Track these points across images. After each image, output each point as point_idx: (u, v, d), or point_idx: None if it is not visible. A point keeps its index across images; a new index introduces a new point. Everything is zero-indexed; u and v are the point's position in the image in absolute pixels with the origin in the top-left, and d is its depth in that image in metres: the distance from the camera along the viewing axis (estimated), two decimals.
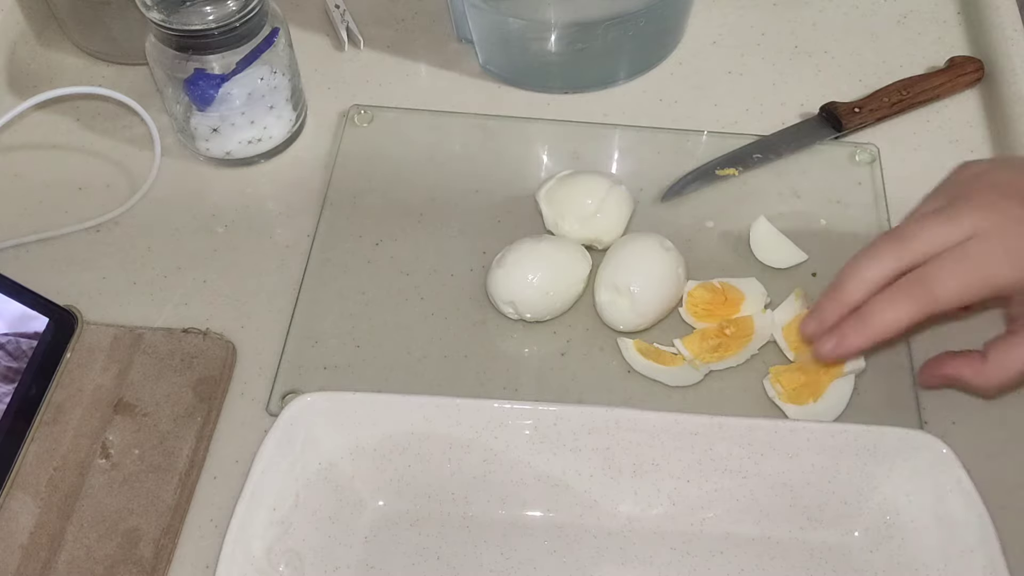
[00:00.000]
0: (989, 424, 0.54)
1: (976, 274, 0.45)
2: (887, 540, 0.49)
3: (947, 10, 0.73)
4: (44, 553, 0.49)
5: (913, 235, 0.47)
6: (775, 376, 0.54)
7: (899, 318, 0.46)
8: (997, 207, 0.46)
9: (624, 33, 0.65)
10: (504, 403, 0.49)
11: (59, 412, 0.53)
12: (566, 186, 0.58)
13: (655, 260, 0.56)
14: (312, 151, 0.66)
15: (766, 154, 0.64)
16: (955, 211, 0.47)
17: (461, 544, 0.50)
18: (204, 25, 0.57)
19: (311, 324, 0.57)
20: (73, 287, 0.59)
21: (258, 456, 0.48)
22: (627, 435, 0.49)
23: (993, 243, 0.45)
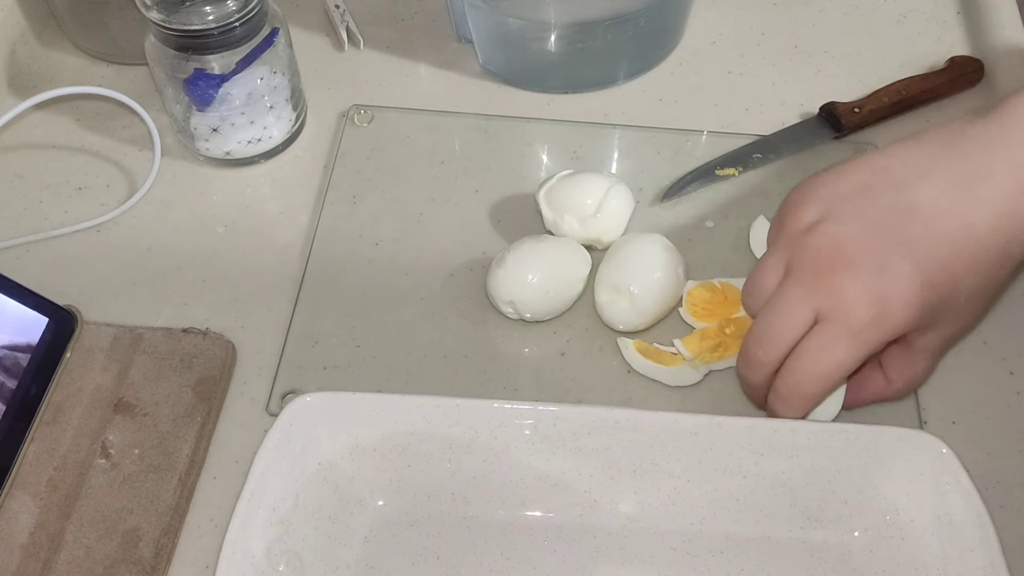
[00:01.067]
0: (989, 424, 0.54)
1: (830, 367, 0.46)
2: (887, 540, 0.49)
3: (947, 10, 0.73)
4: (44, 553, 0.49)
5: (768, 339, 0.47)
6: None
7: (795, 415, 0.49)
8: (829, 286, 0.46)
9: (624, 33, 0.65)
10: (504, 403, 0.49)
11: (59, 412, 0.53)
12: (566, 186, 0.58)
13: (655, 260, 0.56)
14: (312, 151, 0.66)
15: (766, 154, 0.64)
16: (793, 300, 0.47)
17: (461, 544, 0.50)
18: (204, 25, 0.57)
19: (311, 324, 0.57)
20: (73, 287, 0.59)
21: (258, 456, 0.48)
22: (627, 435, 0.49)
23: (835, 331, 0.46)
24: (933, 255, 0.45)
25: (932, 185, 0.46)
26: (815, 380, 0.47)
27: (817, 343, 0.46)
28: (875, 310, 0.45)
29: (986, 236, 0.45)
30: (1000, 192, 0.45)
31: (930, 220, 0.46)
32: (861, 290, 0.45)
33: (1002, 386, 0.55)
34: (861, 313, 0.45)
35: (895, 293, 0.45)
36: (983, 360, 0.56)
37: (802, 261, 0.47)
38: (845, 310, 0.45)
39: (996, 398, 0.54)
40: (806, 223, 0.48)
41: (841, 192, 0.48)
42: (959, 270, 0.46)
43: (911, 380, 0.51)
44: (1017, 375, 0.55)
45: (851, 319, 0.45)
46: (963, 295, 0.46)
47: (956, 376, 0.55)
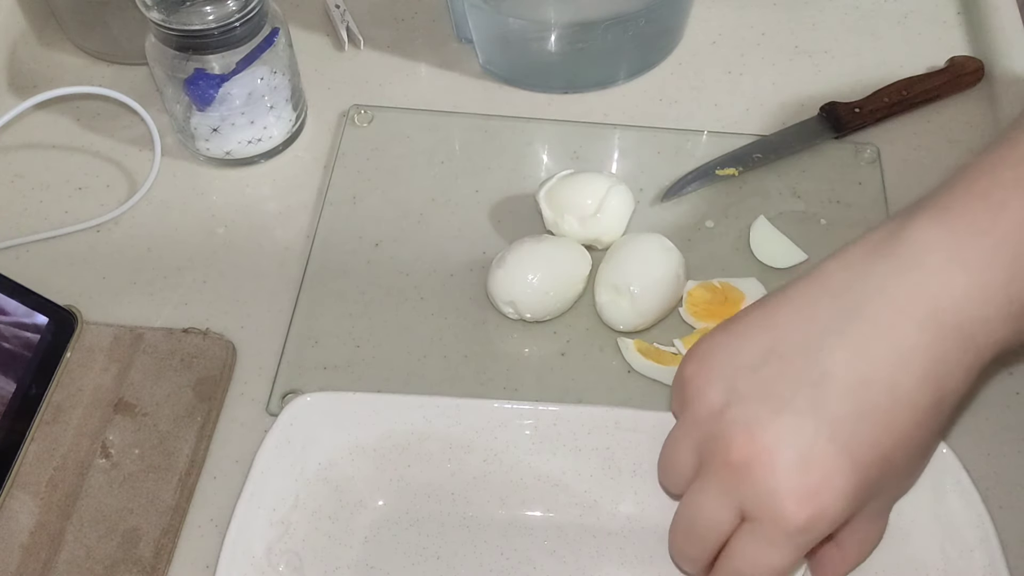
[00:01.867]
0: (989, 424, 0.54)
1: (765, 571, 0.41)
2: (887, 540, 0.48)
3: (947, 10, 0.73)
4: (44, 553, 0.49)
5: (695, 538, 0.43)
6: None
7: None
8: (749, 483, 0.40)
9: (624, 33, 0.65)
10: (504, 403, 0.50)
11: (59, 412, 0.53)
12: (566, 186, 0.58)
13: (655, 260, 0.56)
14: (312, 151, 0.66)
15: (766, 154, 0.64)
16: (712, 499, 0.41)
17: (461, 544, 0.50)
18: (204, 25, 0.57)
19: (311, 324, 0.57)
20: (73, 287, 0.59)
21: (258, 456, 0.48)
22: (627, 435, 0.49)
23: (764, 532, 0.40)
24: (860, 434, 0.39)
25: (845, 346, 0.40)
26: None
27: (751, 549, 0.41)
28: (807, 508, 0.39)
29: (917, 396, 0.40)
30: (927, 344, 0.39)
31: (849, 390, 0.40)
32: (786, 487, 0.39)
33: (1002, 386, 0.55)
34: (791, 511, 0.39)
35: (824, 482, 0.39)
36: None
37: (715, 455, 0.41)
38: (773, 510, 0.40)
39: (996, 398, 0.54)
40: (711, 406, 0.42)
41: (743, 364, 0.41)
42: (890, 446, 0.40)
43: (864, 546, 0.46)
44: (1017, 375, 0.55)
45: (784, 521, 0.39)
46: (900, 466, 0.41)
47: None
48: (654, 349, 0.55)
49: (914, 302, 0.40)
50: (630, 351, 0.55)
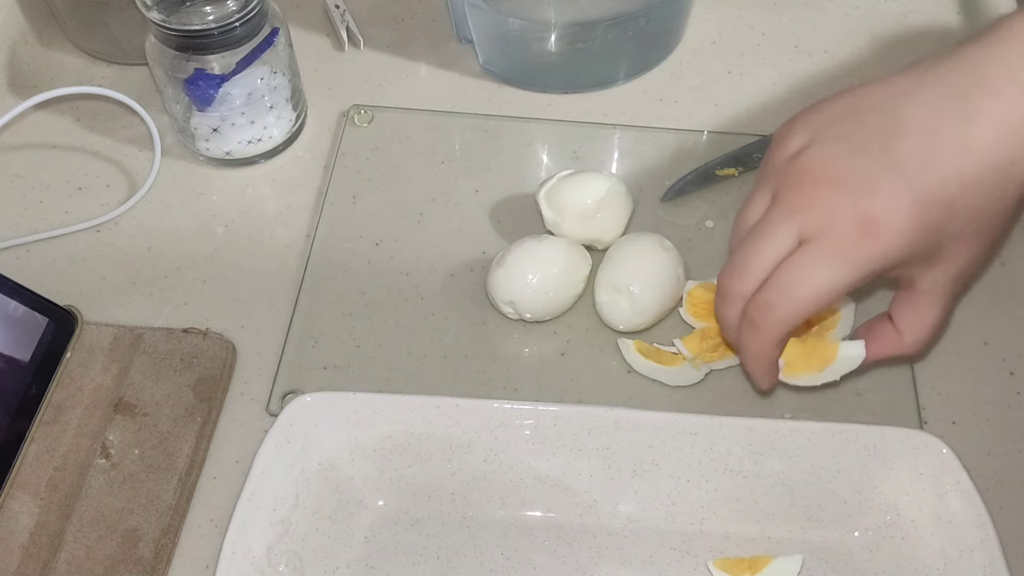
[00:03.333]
0: (989, 424, 0.54)
1: (811, 287, 0.43)
2: (887, 540, 0.49)
3: (947, 10, 0.73)
4: (44, 553, 0.49)
5: (745, 266, 0.45)
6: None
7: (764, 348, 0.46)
8: (814, 203, 0.43)
9: (624, 33, 0.65)
10: (504, 403, 0.50)
11: (59, 412, 0.53)
12: (566, 186, 0.58)
13: (655, 260, 0.56)
14: (312, 151, 0.66)
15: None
16: (776, 221, 0.44)
17: (461, 544, 0.50)
18: (204, 25, 0.57)
19: (311, 324, 0.57)
20: (73, 287, 0.59)
21: (258, 456, 0.48)
22: (627, 435, 0.49)
23: (819, 249, 0.43)
24: (926, 172, 0.42)
25: (924, 101, 0.43)
26: (792, 302, 0.43)
27: (798, 262, 0.43)
28: (864, 227, 0.42)
29: (986, 152, 0.42)
30: (1003, 106, 0.42)
31: (922, 136, 0.42)
32: (848, 206, 0.42)
33: (1002, 386, 0.55)
34: (848, 229, 0.42)
35: (885, 211, 0.42)
36: (983, 360, 0.56)
37: (787, 185, 0.44)
38: (830, 227, 0.42)
39: (996, 398, 0.54)
40: (791, 150, 0.45)
41: (828, 118, 0.45)
42: (955, 189, 0.42)
43: (923, 329, 0.47)
44: (1017, 375, 0.55)
45: (836, 236, 0.42)
46: (962, 218, 0.43)
47: (956, 376, 0.55)
48: (654, 349, 0.55)
49: (997, 74, 0.42)
50: (630, 351, 0.55)
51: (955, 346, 0.56)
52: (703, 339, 0.55)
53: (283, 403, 0.53)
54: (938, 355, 0.56)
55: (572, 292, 0.56)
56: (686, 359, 0.54)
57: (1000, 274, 0.59)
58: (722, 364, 0.55)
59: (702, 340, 0.55)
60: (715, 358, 0.54)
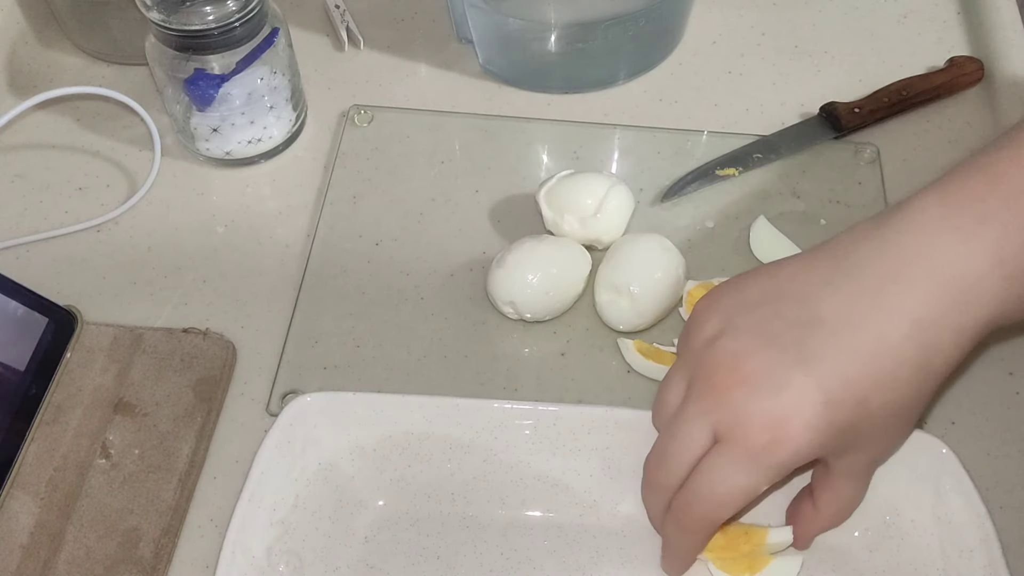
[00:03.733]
0: (989, 424, 0.54)
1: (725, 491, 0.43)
2: (887, 540, 0.49)
3: (947, 10, 0.73)
4: (44, 553, 0.49)
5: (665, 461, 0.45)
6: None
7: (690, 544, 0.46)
8: (726, 403, 0.43)
9: (624, 33, 0.65)
10: (504, 403, 0.50)
11: (59, 412, 0.53)
12: (566, 186, 0.58)
13: (655, 260, 0.56)
14: (312, 151, 0.66)
15: (766, 154, 0.64)
16: (691, 419, 0.44)
17: (461, 544, 0.50)
18: (204, 25, 0.57)
19: (311, 324, 0.57)
20: (73, 287, 0.59)
21: (258, 456, 0.48)
22: (627, 435, 0.49)
23: (731, 452, 0.42)
24: (838, 372, 0.41)
25: (840, 295, 0.42)
26: (710, 504, 0.43)
27: (713, 465, 0.43)
28: (772, 432, 0.41)
29: (902, 348, 0.41)
30: (917, 298, 0.41)
31: (837, 333, 0.42)
32: (757, 409, 0.42)
33: (1002, 386, 0.55)
34: (758, 434, 0.42)
35: (794, 414, 0.41)
36: (983, 360, 0.56)
37: (702, 377, 0.44)
38: (742, 431, 0.42)
39: (996, 398, 0.54)
40: (707, 336, 0.45)
41: (744, 302, 0.45)
42: (868, 387, 0.41)
43: (839, 507, 0.47)
44: (1017, 375, 0.55)
45: (748, 441, 0.42)
46: (876, 416, 0.42)
47: (956, 376, 0.55)
48: (654, 349, 0.55)
49: (908, 261, 0.42)
50: (630, 351, 0.55)
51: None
52: None
53: (283, 403, 0.53)
54: None
55: (572, 292, 0.56)
56: None
57: None
58: None
59: None
60: None
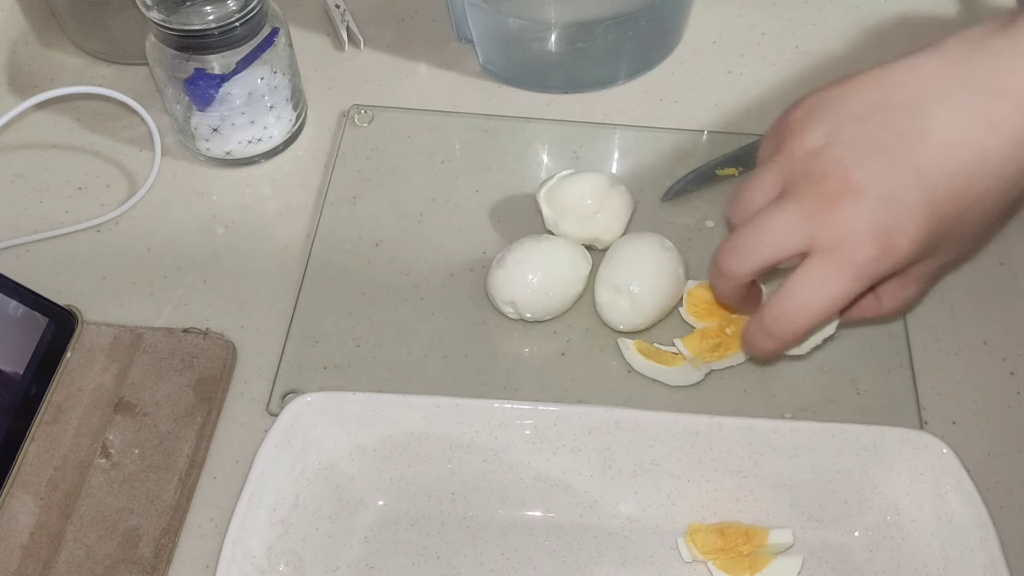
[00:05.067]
0: (989, 424, 0.54)
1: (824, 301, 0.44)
2: (887, 540, 0.49)
3: (947, 10, 0.73)
4: (44, 553, 0.49)
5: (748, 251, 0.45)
6: None
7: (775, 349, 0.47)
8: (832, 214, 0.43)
9: (624, 33, 0.65)
10: (504, 403, 0.50)
11: (59, 412, 0.53)
12: (566, 186, 0.58)
13: (655, 260, 0.56)
14: (312, 151, 0.66)
15: None
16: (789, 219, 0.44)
17: (461, 544, 0.50)
18: (204, 25, 0.57)
19: (311, 324, 0.57)
20: (73, 287, 0.59)
21: (258, 456, 0.48)
22: (627, 435, 0.49)
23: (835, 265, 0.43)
24: (944, 185, 0.42)
25: (948, 108, 0.43)
26: (810, 315, 0.44)
27: (817, 275, 0.43)
28: (881, 244, 0.42)
29: (1001, 164, 0.42)
30: (1018, 118, 0.42)
31: (944, 148, 0.42)
32: (868, 223, 0.42)
33: (1002, 386, 0.55)
34: (866, 247, 0.42)
35: (902, 226, 0.42)
36: (983, 360, 0.56)
37: (805, 183, 0.44)
38: (849, 244, 0.42)
39: (996, 398, 0.54)
40: (810, 147, 0.44)
41: (850, 114, 0.44)
42: (968, 202, 0.43)
43: (902, 304, 0.49)
44: (1017, 375, 0.55)
45: (855, 254, 0.42)
46: (968, 227, 0.44)
47: (956, 376, 0.55)
48: (654, 349, 0.55)
49: (1020, 77, 0.42)
50: (630, 351, 0.55)
51: (955, 346, 0.56)
52: (703, 339, 0.55)
53: (283, 403, 0.53)
54: (938, 355, 0.56)
55: (572, 292, 0.56)
56: (686, 359, 0.54)
57: (1000, 274, 0.59)
58: (722, 364, 0.55)
59: (702, 340, 0.55)
60: (715, 358, 0.54)
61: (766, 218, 0.45)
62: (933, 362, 0.56)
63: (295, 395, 0.53)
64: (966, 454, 0.47)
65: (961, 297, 0.58)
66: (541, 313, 0.56)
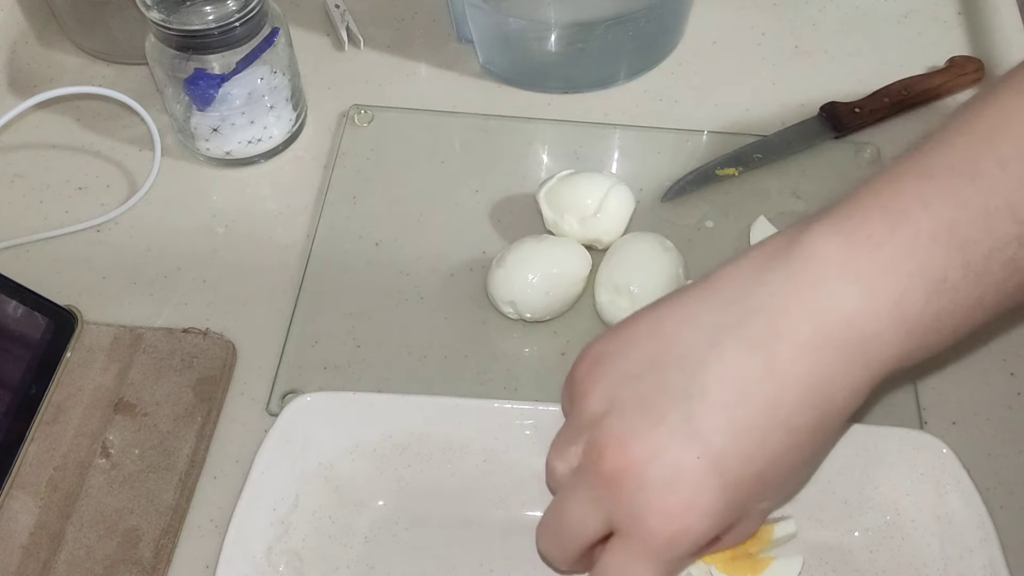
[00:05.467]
0: (989, 424, 0.54)
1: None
2: (887, 540, 0.49)
3: (947, 10, 0.73)
4: (44, 553, 0.49)
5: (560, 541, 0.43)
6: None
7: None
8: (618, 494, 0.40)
9: (624, 33, 0.65)
10: (504, 403, 0.50)
11: (59, 412, 0.53)
12: (566, 186, 0.58)
13: (655, 260, 0.56)
14: (312, 151, 0.66)
15: (766, 154, 0.64)
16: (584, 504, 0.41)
17: (461, 544, 0.50)
18: (204, 25, 0.57)
19: (311, 324, 0.57)
20: (73, 287, 0.59)
21: (258, 456, 0.48)
22: None
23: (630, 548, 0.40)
24: (733, 451, 0.39)
25: (724, 361, 0.39)
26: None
27: (616, 563, 0.41)
28: (674, 526, 0.39)
29: (796, 415, 0.39)
30: (810, 362, 0.38)
31: (725, 409, 0.39)
32: (653, 503, 0.39)
33: (1002, 386, 0.55)
34: (659, 531, 0.39)
35: (691, 505, 0.39)
36: (983, 360, 0.56)
37: (588, 460, 0.41)
38: (640, 526, 0.39)
39: (996, 398, 0.54)
40: (592, 411, 0.41)
41: (627, 372, 0.41)
42: (763, 465, 0.39)
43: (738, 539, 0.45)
44: (1017, 375, 0.55)
45: (649, 538, 0.39)
46: (773, 484, 0.41)
47: (956, 376, 0.55)
48: None
49: (801, 317, 0.38)
50: None
51: (955, 346, 0.56)
52: None
53: (283, 403, 0.53)
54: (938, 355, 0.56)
55: (572, 292, 0.56)
56: None
57: None
58: None
59: None
60: None
61: (567, 501, 0.42)
62: (933, 362, 0.56)
63: (295, 395, 0.53)
64: (966, 454, 0.47)
65: None
66: (541, 313, 0.56)
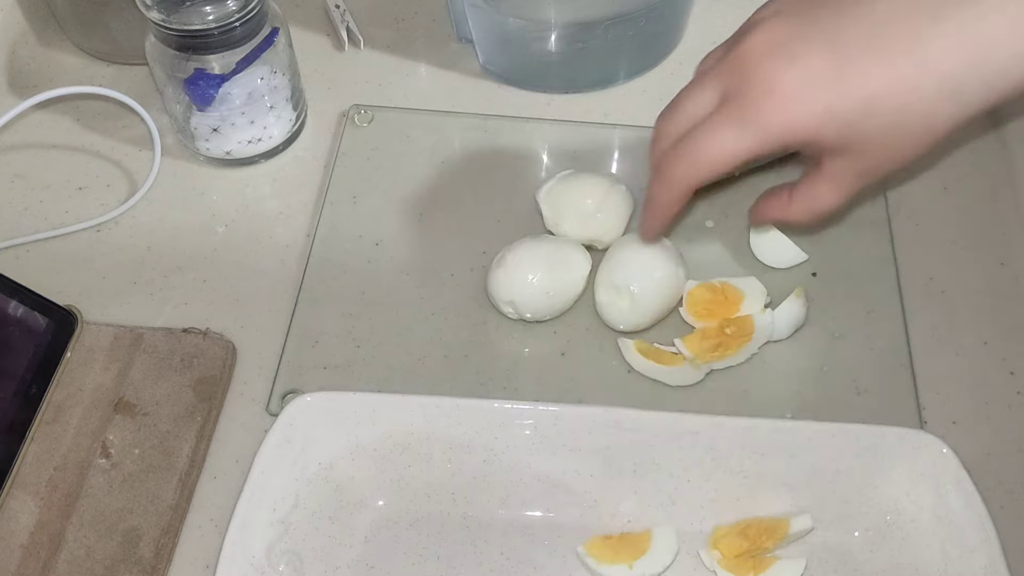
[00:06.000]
0: (989, 424, 0.54)
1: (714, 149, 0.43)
2: (887, 540, 0.49)
3: None
4: (44, 553, 0.49)
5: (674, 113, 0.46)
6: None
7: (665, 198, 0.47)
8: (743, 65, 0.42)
9: (624, 33, 0.65)
10: (504, 403, 0.50)
11: (59, 412, 0.53)
12: (566, 186, 0.58)
13: (655, 260, 0.56)
14: (312, 151, 0.66)
15: None
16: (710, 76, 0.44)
17: (461, 544, 0.50)
18: (204, 25, 0.57)
19: (311, 324, 0.57)
20: (73, 287, 0.59)
21: (258, 456, 0.48)
22: (627, 435, 0.49)
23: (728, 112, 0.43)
24: (859, 61, 0.40)
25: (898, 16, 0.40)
26: (693, 161, 0.44)
27: (708, 123, 0.43)
28: (771, 94, 0.41)
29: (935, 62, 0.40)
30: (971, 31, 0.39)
31: (876, 29, 0.40)
32: (766, 72, 0.41)
33: (1002, 386, 0.55)
34: (756, 95, 0.41)
35: (799, 83, 0.41)
36: (983, 360, 0.56)
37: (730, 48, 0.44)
38: (743, 91, 0.42)
39: (996, 398, 0.54)
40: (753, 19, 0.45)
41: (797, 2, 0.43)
42: (884, 85, 0.40)
43: (811, 205, 0.47)
44: (1017, 375, 0.55)
45: (744, 100, 0.42)
46: (881, 118, 0.41)
47: (956, 376, 0.55)
48: (654, 349, 0.55)
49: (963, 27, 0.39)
50: (630, 351, 0.55)
51: (955, 346, 0.56)
52: (703, 339, 0.55)
53: (283, 403, 0.53)
54: (938, 355, 0.56)
55: (572, 292, 0.56)
56: (686, 359, 0.54)
57: (1000, 274, 0.59)
58: (722, 364, 0.55)
59: (702, 340, 0.55)
60: (715, 358, 0.54)
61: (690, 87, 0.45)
62: (933, 362, 0.56)
63: (295, 395, 0.53)
64: (966, 454, 0.47)
65: (961, 297, 0.58)
66: (541, 313, 0.56)
